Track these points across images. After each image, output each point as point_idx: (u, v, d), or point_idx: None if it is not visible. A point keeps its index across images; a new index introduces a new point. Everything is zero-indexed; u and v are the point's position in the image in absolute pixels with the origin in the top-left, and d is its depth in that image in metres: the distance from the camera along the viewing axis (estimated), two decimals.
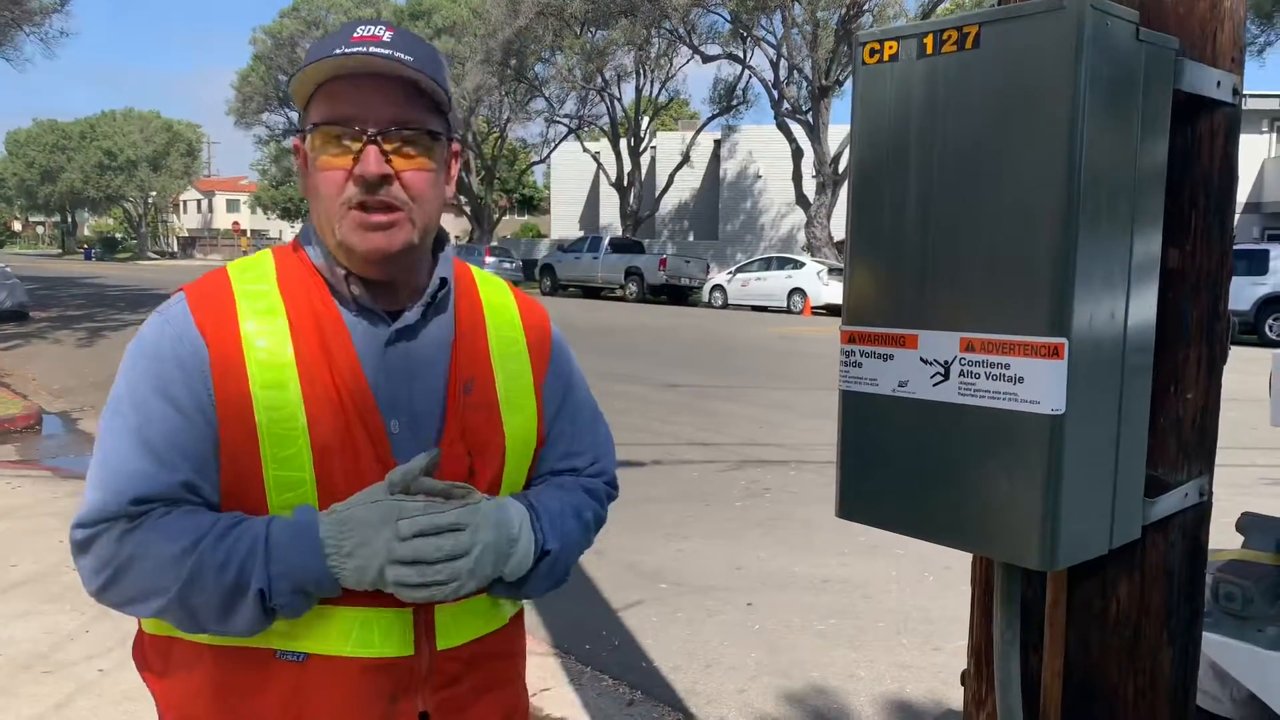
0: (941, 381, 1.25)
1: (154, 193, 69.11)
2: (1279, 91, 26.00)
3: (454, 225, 44.89)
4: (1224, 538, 2.45)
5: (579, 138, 37.32)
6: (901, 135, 1.28)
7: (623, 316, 21.30)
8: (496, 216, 42.77)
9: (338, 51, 1.16)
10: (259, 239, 68.58)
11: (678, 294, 27.46)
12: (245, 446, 1.15)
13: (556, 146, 39.77)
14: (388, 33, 1.20)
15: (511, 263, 31.05)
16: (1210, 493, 1.48)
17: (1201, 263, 1.39)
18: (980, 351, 1.20)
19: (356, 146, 1.17)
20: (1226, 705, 2.47)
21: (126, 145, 65.24)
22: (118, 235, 78.39)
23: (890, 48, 1.28)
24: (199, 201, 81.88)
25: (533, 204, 60.67)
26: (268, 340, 1.18)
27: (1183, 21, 1.33)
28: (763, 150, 33.30)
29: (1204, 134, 1.36)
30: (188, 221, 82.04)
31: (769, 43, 29.31)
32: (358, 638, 1.19)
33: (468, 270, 1.39)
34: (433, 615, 1.23)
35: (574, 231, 38.86)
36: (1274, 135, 26.52)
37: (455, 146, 1.29)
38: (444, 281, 1.29)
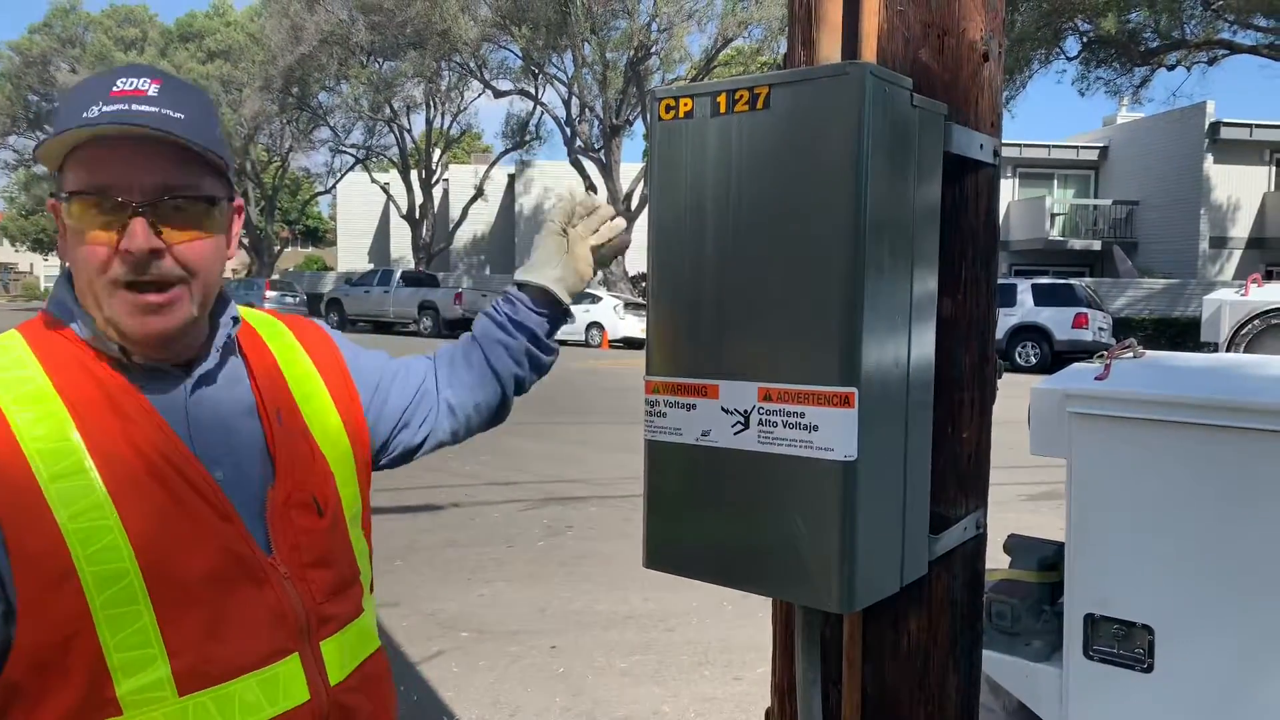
0: (742, 430, 1.27)
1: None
2: (1019, 141, 28.93)
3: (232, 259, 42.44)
4: (992, 556, 2.65)
5: (367, 168, 36.35)
6: (699, 191, 1.30)
7: (419, 351, 20.79)
8: (278, 249, 40.91)
9: (93, 113, 1.05)
10: (5, 272, 62.32)
11: None
12: (48, 556, 1.01)
13: (343, 177, 38.54)
14: (153, 85, 1.09)
15: (295, 297, 29.67)
16: (985, 525, 1.58)
17: (971, 310, 1.49)
18: (778, 401, 1.24)
19: (120, 219, 1.06)
20: (1000, 716, 2.65)
21: None
22: None
23: (685, 104, 1.31)
24: None
25: (317, 236, 58.46)
26: (44, 428, 1.04)
27: (949, 89, 1.43)
28: (557, 185, 33.58)
29: (970, 192, 1.47)
30: None
31: (560, 80, 29.73)
32: (252, 704, 1.10)
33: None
34: (320, 652, 1.18)
35: (363, 264, 37.69)
36: (1016, 180, 29.41)
37: (238, 202, 1.21)
38: (237, 320, 1.23)
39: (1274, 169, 27.08)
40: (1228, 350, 3.31)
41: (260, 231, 37.31)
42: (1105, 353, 2.31)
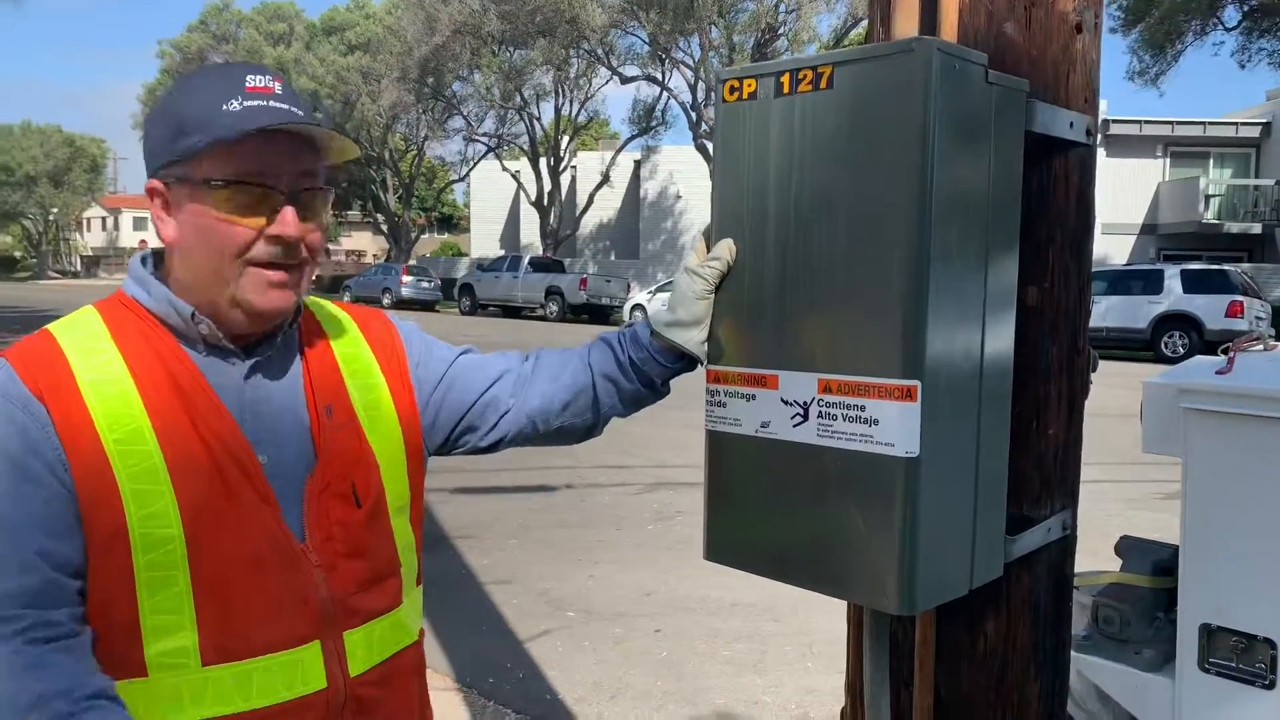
0: (801, 423, 1.23)
1: (55, 210, 66.57)
2: (1171, 118, 27.27)
3: (371, 244, 44.15)
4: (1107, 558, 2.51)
5: (498, 156, 37.14)
6: (761, 174, 1.27)
7: (543, 336, 21.19)
8: (414, 235, 42.26)
9: (235, 107, 1.12)
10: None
11: (599, 313, 27.43)
12: (106, 507, 1.08)
13: (475, 165, 39.49)
14: (276, 83, 1.17)
15: (430, 282, 30.68)
16: (1074, 526, 1.50)
17: (1060, 299, 1.41)
18: (837, 393, 1.20)
19: (269, 205, 1.14)
20: None
21: (25, 160, 62.75)
22: (16, 254, 75.27)
23: (749, 86, 1.27)
24: (104, 219, 79.11)
25: (452, 222, 60.17)
26: (113, 394, 1.12)
27: (1035, 64, 1.35)
28: (683, 171, 33.57)
29: (1058, 173, 1.38)
30: (92, 240, 79.14)
31: (687, 65, 29.62)
32: (269, 687, 1.14)
33: None
34: (342, 642, 1.21)
35: (494, 250, 38.59)
36: (1168, 160, 27.75)
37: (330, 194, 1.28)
38: (299, 312, 1.27)
39: None
40: None
41: (398, 218, 38.67)
42: (1230, 345, 2.15)
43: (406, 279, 29.98)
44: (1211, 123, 28.07)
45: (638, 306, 25.88)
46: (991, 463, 1.29)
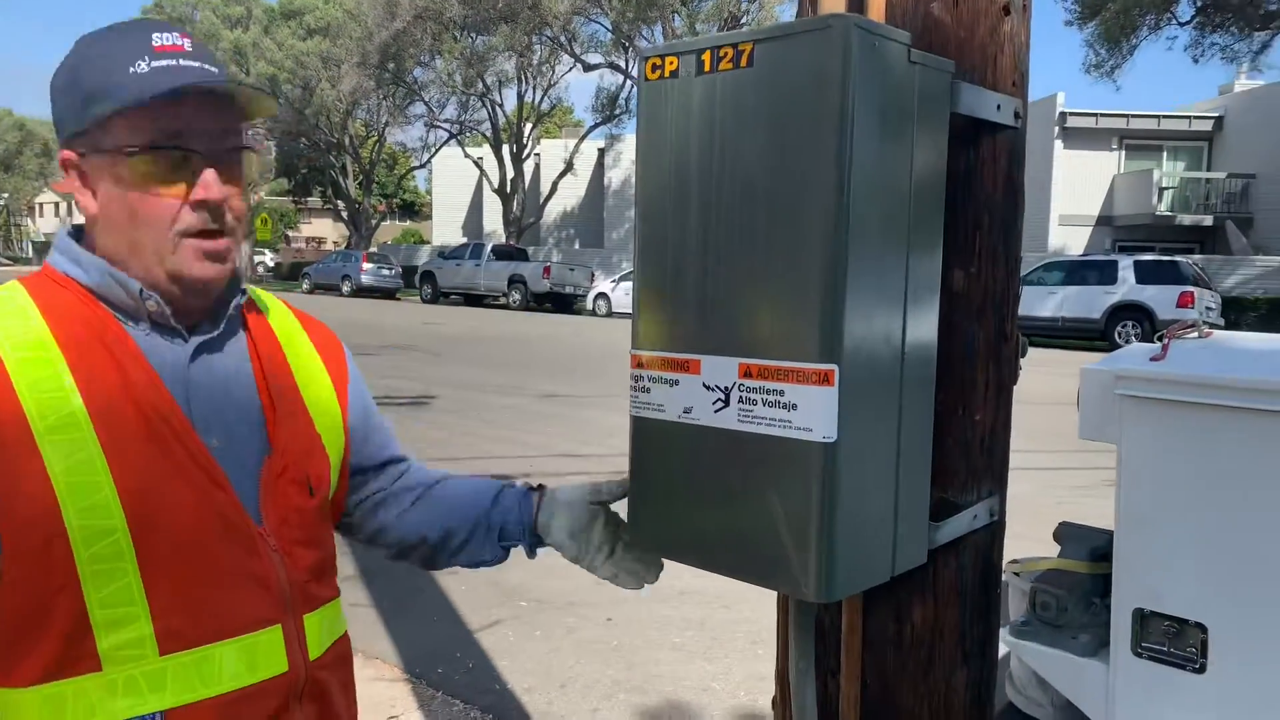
0: (723, 408, 1.21)
1: (5, 195, 65.11)
2: (1126, 111, 27.64)
3: (332, 230, 43.68)
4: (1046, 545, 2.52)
5: (460, 143, 36.84)
6: (684, 154, 1.24)
7: (505, 325, 21.09)
8: (375, 222, 41.83)
9: (142, 68, 1.07)
10: None
11: (562, 302, 27.34)
12: (38, 508, 1.02)
13: (437, 151, 39.14)
14: (186, 40, 1.12)
15: (390, 269, 30.38)
16: (1003, 512, 1.49)
17: (987, 284, 1.40)
18: (758, 378, 1.18)
19: (188, 170, 1.10)
20: (1048, 710, 2.53)
21: None
22: None
23: (671, 63, 1.25)
24: (57, 205, 77.49)
25: (414, 209, 59.62)
26: (42, 378, 1.05)
27: (963, 46, 1.33)
28: None
29: (986, 156, 1.37)
30: (45, 225, 77.51)
31: None
32: (231, 671, 1.11)
33: None
34: (303, 625, 1.19)
35: (457, 237, 38.29)
36: (1123, 152, 28.13)
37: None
38: (244, 292, 1.24)
39: None
40: None
41: (358, 205, 38.24)
42: (1165, 332, 2.16)
43: (367, 266, 29.66)
44: (1165, 116, 28.51)
45: (601, 295, 25.84)
46: (915, 448, 1.27)
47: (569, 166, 33.65)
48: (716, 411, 1.22)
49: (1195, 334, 2.23)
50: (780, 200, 1.15)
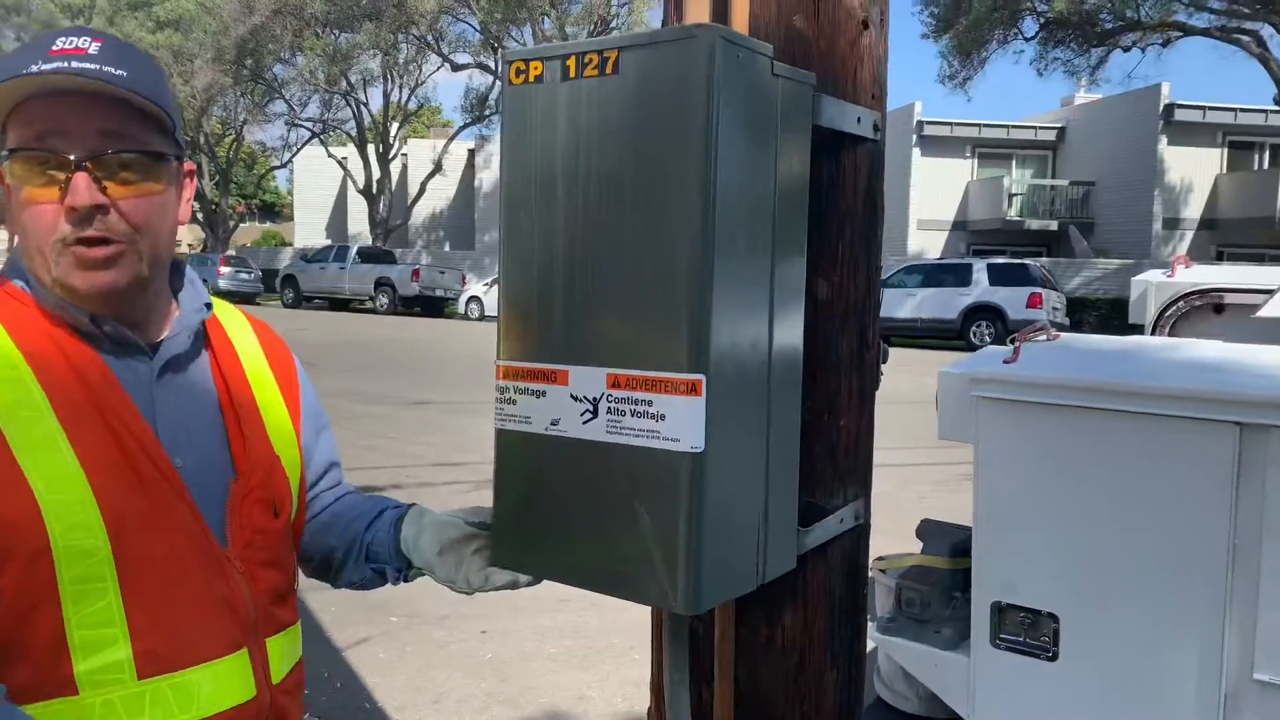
0: (591, 419, 1.19)
1: None
2: (978, 121, 29.03)
3: (187, 233, 41.73)
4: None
5: (323, 142, 35.75)
6: (549, 161, 1.21)
7: (373, 330, 20.56)
8: (233, 223, 40.13)
9: (32, 69, 1.02)
10: None
11: (432, 306, 26.84)
12: (23, 526, 0.99)
13: (299, 151, 37.85)
14: (94, 44, 1.06)
15: (250, 273, 29.19)
16: (868, 515, 1.52)
17: (850, 293, 1.42)
18: (626, 388, 1.16)
19: (63, 175, 1.04)
20: (914, 703, 2.62)
21: None
22: None
23: (536, 68, 1.22)
24: None
25: (274, 211, 57.54)
26: (13, 395, 1.01)
27: (824, 58, 1.35)
28: None
29: (847, 168, 1.39)
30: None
31: None
32: (207, 696, 1.09)
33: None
34: (266, 649, 1.18)
35: (320, 240, 37.10)
36: (975, 160, 29.53)
37: (189, 165, 1.19)
38: (209, 306, 1.22)
39: (1226, 151, 27.41)
40: (1153, 332, 3.29)
41: (215, 206, 36.63)
42: (1016, 335, 2.26)
43: (224, 270, 28.41)
44: (1014, 126, 30.10)
45: (473, 299, 25.50)
46: (783, 455, 1.28)
47: (438, 167, 33.10)
48: (585, 423, 1.20)
49: (1044, 337, 2.34)
50: (646, 209, 1.14)
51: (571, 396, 1.21)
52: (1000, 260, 20.50)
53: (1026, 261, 20.72)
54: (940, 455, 7.66)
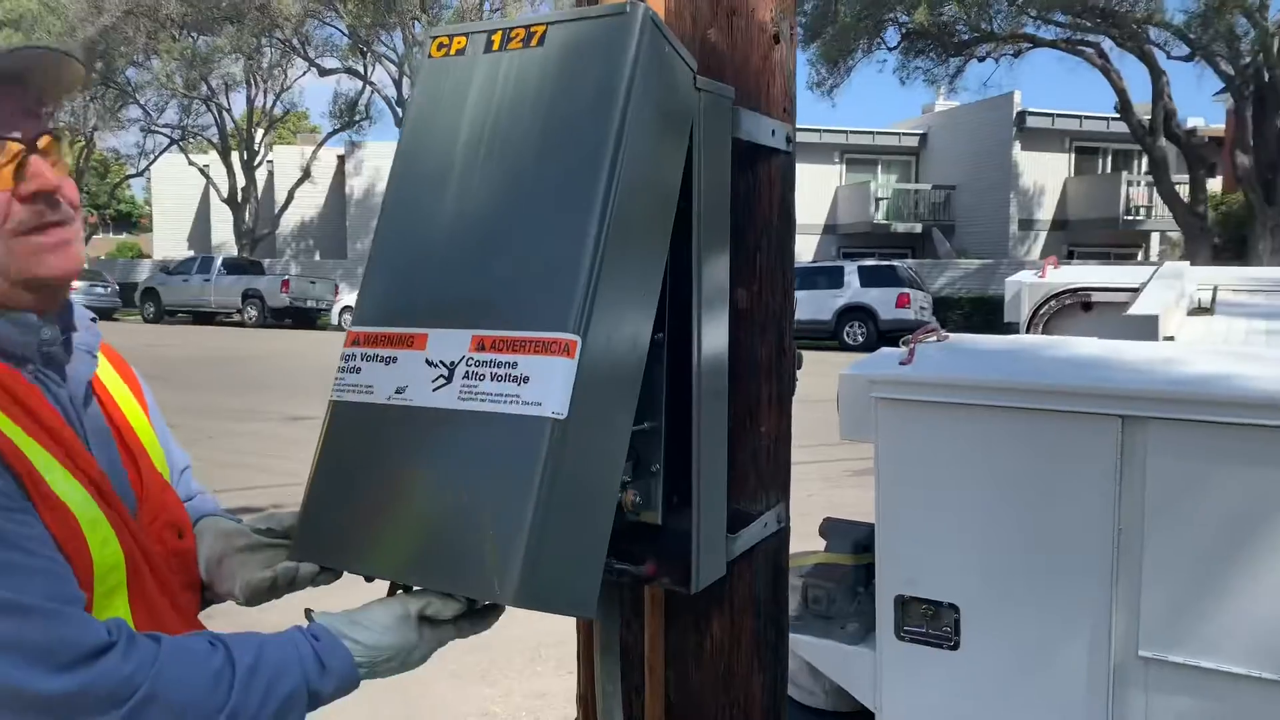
0: (443, 385, 1.10)
1: None
2: (845, 128, 29.98)
3: None
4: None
5: (183, 149, 34.22)
6: (453, 125, 1.20)
7: (242, 344, 19.79)
8: (86, 235, 37.99)
9: None
10: None
11: (304, 317, 25.99)
12: (75, 546, 0.98)
13: (156, 158, 36.14)
14: None
15: (106, 287, 27.65)
16: (788, 518, 1.55)
17: (768, 302, 1.45)
18: (491, 350, 1.09)
19: (6, 161, 1.00)
20: (820, 698, 2.69)
21: None
22: None
23: (459, 42, 1.23)
24: None
25: (131, 221, 54.75)
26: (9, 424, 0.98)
27: (739, 72, 1.38)
28: (389, 166, 32.57)
29: (763, 180, 1.42)
30: None
31: (390, 60, 28.79)
32: None
33: None
34: None
35: (181, 251, 35.46)
36: (844, 165, 30.48)
37: None
38: (95, 318, 1.18)
39: (1073, 156, 29.10)
40: (1027, 330, 3.47)
41: None
42: (910, 337, 2.35)
43: (78, 284, 26.40)
44: (879, 132, 31.21)
45: (348, 309, 24.82)
46: (712, 462, 1.30)
47: (306, 174, 32.10)
48: (436, 389, 1.11)
49: (935, 338, 2.44)
50: (548, 174, 1.12)
51: (427, 361, 1.13)
52: (870, 262, 21.24)
53: (894, 263, 21.55)
54: (827, 453, 7.88)
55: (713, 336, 1.27)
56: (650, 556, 1.30)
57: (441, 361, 1.12)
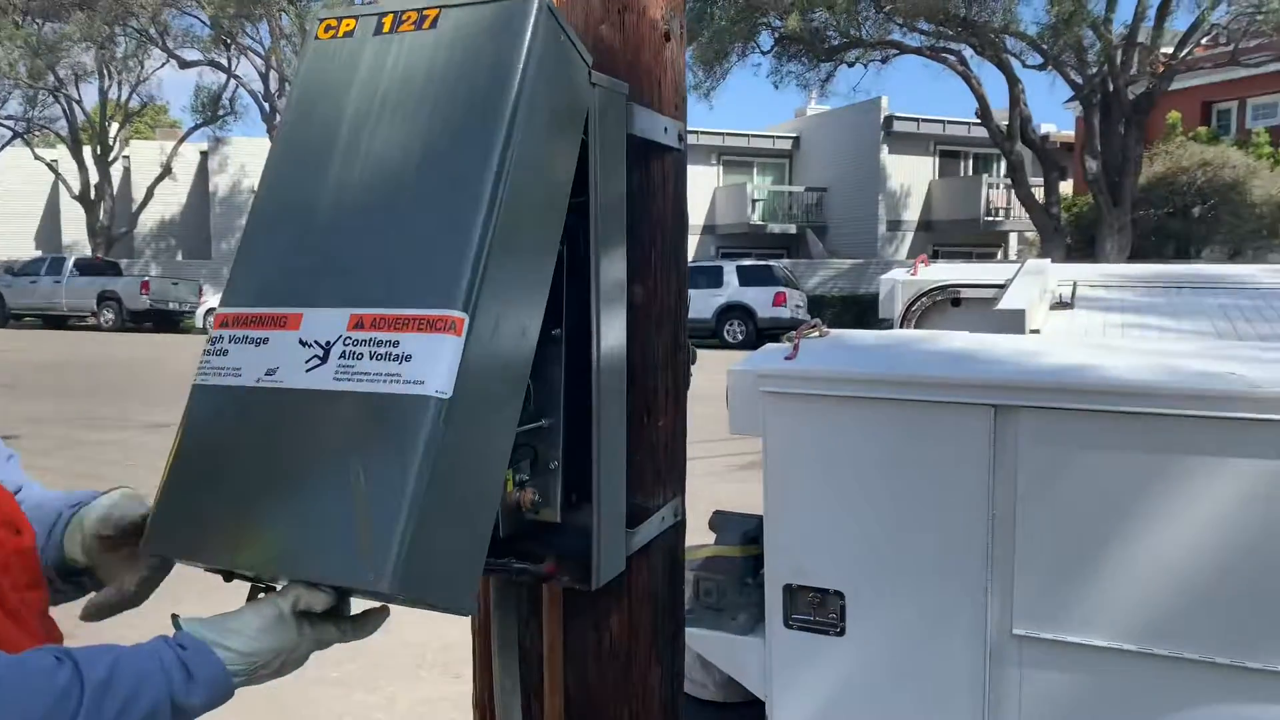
0: (318, 365, 1.06)
1: None
2: (723, 130, 30.48)
3: None
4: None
5: (29, 143, 32.18)
6: (338, 104, 1.18)
7: (99, 349, 18.75)
8: None
9: None
10: None
11: (166, 320, 24.80)
12: None
13: None
14: None
15: None
16: (684, 512, 1.57)
17: (663, 298, 1.46)
18: (370, 328, 1.05)
19: None
20: (711, 690, 2.72)
21: None
22: None
23: (348, 25, 1.21)
24: None
25: None
26: None
27: (631, 69, 1.38)
28: (257, 164, 31.33)
29: (657, 177, 1.43)
30: None
31: (256, 53, 27.75)
32: None
33: None
34: None
35: (29, 250, 33.35)
36: (721, 167, 30.96)
37: None
38: None
39: (937, 159, 30.33)
40: (901, 326, 3.60)
41: None
42: (794, 333, 2.40)
43: None
44: (754, 135, 31.84)
45: (213, 311, 23.81)
46: (612, 458, 1.30)
47: (166, 171, 30.65)
48: (309, 370, 1.06)
49: (817, 333, 2.50)
50: (438, 155, 1.10)
51: (300, 342, 1.08)
52: (748, 262, 21.70)
53: (771, 263, 22.06)
54: (712, 449, 7.99)
55: (611, 332, 1.27)
56: (549, 555, 1.30)
57: (316, 341, 1.07)
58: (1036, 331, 2.77)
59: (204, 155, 32.80)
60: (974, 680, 2.06)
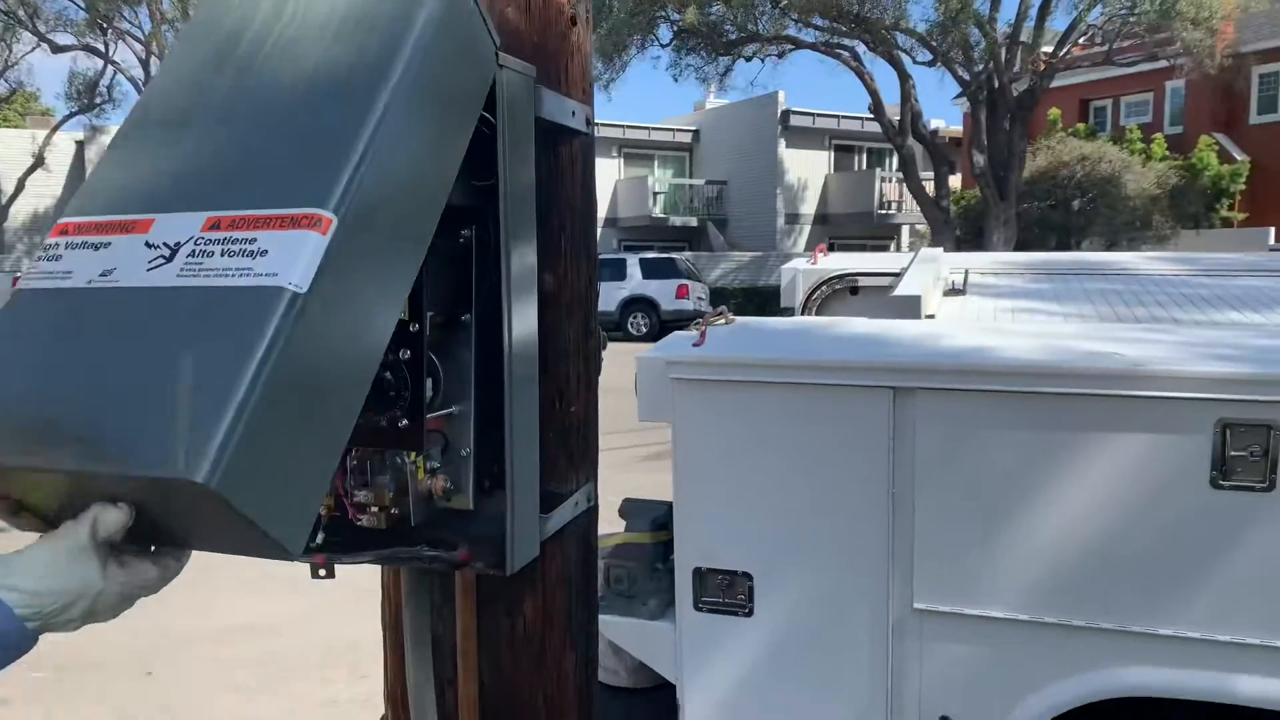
0: (161, 265, 0.98)
1: None
2: (622, 123, 30.50)
3: None
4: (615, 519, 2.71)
5: None
6: (235, 30, 1.16)
7: None
8: None
9: None
10: None
11: None
12: None
13: None
14: None
15: None
16: (597, 497, 1.57)
17: (573, 284, 1.46)
18: (227, 229, 0.98)
19: None
20: (623, 676, 2.74)
21: None
22: None
23: None
24: None
25: None
26: None
27: (538, 51, 1.37)
28: None
29: (565, 161, 1.43)
30: None
31: (135, 38, 26.59)
32: None
33: None
34: None
35: None
36: (622, 160, 31.00)
37: None
38: None
39: (832, 153, 30.97)
40: (803, 313, 3.68)
41: None
42: (700, 320, 2.43)
43: None
44: (654, 128, 31.96)
45: None
46: (525, 445, 1.29)
47: (39, 161, 29.14)
48: (150, 269, 0.98)
49: (724, 321, 2.53)
50: (326, 79, 1.08)
51: (146, 244, 1.01)
52: (651, 255, 21.80)
53: (673, 256, 22.21)
54: (620, 440, 8.01)
55: (523, 319, 1.27)
56: (462, 542, 1.28)
57: (164, 243, 0.99)
58: (932, 317, 2.86)
59: (80, 145, 31.27)
60: (876, 654, 2.12)
